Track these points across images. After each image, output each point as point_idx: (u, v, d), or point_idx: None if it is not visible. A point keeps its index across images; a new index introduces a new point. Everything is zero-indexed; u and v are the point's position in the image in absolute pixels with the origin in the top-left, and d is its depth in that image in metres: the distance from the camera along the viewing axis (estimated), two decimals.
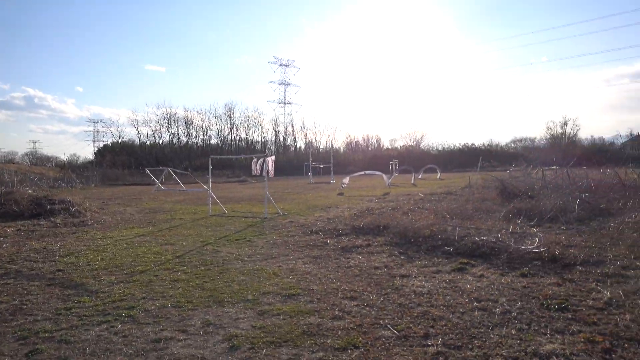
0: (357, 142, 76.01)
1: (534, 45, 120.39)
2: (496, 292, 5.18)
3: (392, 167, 39.81)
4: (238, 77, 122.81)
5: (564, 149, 53.81)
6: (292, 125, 77.78)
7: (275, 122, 77.22)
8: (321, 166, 38.49)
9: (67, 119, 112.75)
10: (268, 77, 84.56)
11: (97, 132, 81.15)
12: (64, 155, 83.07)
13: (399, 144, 76.46)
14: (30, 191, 19.15)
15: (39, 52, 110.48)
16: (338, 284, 5.84)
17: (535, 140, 73.57)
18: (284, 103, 78.90)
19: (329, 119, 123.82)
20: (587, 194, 11.47)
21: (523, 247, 6.90)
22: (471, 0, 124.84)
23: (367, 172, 26.17)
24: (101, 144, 77.36)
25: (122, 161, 55.87)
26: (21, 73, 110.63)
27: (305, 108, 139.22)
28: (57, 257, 7.88)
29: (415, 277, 6.02)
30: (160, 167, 32.63)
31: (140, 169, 48.65)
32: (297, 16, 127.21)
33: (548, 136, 71.02)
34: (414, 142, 75.26)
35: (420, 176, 33.51)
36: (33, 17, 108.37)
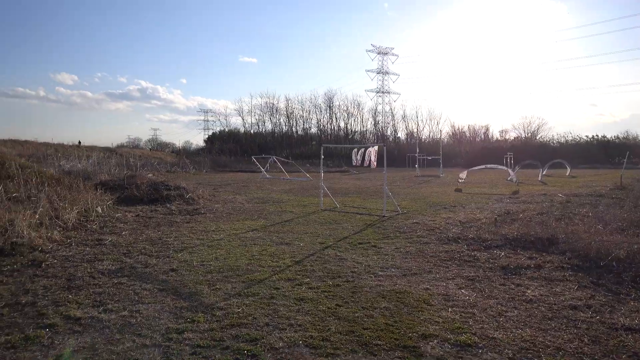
0: (462, 132, 70.76)
1: None
2: None
3: (506, 161, 35.73)
4: (335, 67, 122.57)
5: None
6: (392, 114, 75.01)
7: (374, 111, 75.13)
8: (429, 158, 35.85)
9: (177, 109, 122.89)
10: (365, 65, 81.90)
11: (207, 120, 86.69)
12: (178, 142, 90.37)
13: (511, 135, 69.48)
14: (150, 175, 20.09)
15: (146, 47, 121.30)
16: (528, 331, 4.10)
17: None
18: (383, 92, 76.33)
19: (431, 109, 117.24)
20: None
21: None
22: None
23: (490, 165, 23.27)
24: (210, 132, 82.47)
25: (229, 148, 58.65)
26: (135, 67, 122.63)
27: (406, 97, 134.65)
28: (171, 251, 7.23)
29: None
30: (263, 156, 33.08)
31: (245, 156, 50.52)
32: (381, 1, 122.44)
33: None
34: (529, 133, 67.78)
35: (544, 172, 29.33)
36: (140, 17, 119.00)
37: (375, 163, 14.71)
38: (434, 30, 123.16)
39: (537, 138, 65.04)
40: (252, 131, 75.70)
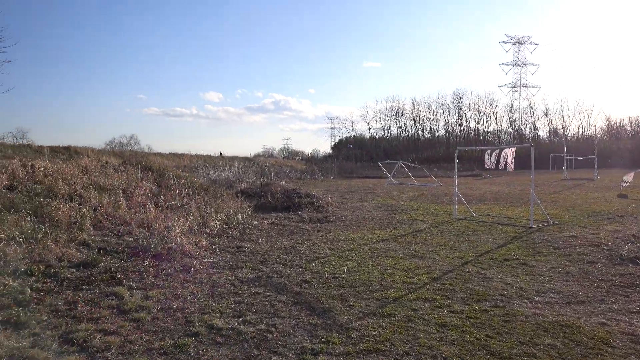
0: (621, 126, 60.42)
1: None
2: None
3: None
4: (465, 64, 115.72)
5: None
6: (531, 110, 67.70)
7: (510, 108, 68.73)
8: (579, 158, 31.32)
9: (306, 118, 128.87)
10: (498, 59, 75.57)
11: (334, 128, 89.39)
12: (307, 150, 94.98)
13: None
14: (283, 183, 21.23)
15: (279, 62, 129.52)
16: None
17: None
18: (519, 86, 69.58)
19: (579, 100, 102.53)
20: None
21: None
22: None
23: None
24: (337, 139, 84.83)
25: (355, 154, 59.46)
26: (269, 82, 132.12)
27: (547, 90, 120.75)
28: (303, 261, 7.28)
29: None
30: (389, 161, 32.54)
31: (370, 161, 50.64)
32: None
33: None
34: None
35: None
36: (271, 34, 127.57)
37: (512, 165, 13.15)
38: (579, 10, 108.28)
39: None
40: (377, 136, 75.75)
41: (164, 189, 12.23)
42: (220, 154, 47.60)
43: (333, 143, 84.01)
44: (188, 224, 8.59)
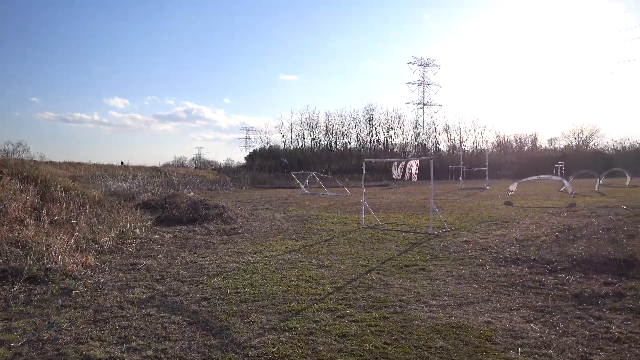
0: (508, 142, 67.87)
1: None
2: None
3: (557, 171, 33.62)
4: (376, 81, 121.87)
5: None
6: (433, 126, 73.33)
7: (415, 123, 73.75)
8: (473, 170, 34.39)
9: (220, 127, 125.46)
10: (405, 78, 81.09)
11: (248, 138, 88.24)
12: (220, 160, 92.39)
13: (561, 143, 65.96)
14: (191, 194, 20.20)
15: (193, 70, 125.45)
16: None
17: None
18: (424, 104, 74.95)
19: (475, 118, 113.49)
20: None
21: None
22: None
23: (542, 176, 21.77)
24: (251, 149, 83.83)
25: (269, 165, 59.13)
26: (181, 89, 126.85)
27: (448, 108, 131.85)
28: (204, 277, 6.86)
29: None
30: (303, 171, 32.82)
31: (284, 172, 50.68)
32: (421, 13, 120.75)
33: None
34: (580, 141, 64.07)
35: (601, 182, 27.23)
36: (184, 41, 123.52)
37: (416, 176, 13.96)
38: (477, 37, 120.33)
39: (590, 146, 61.42)
40: (291, 147, 76.29)
41: (49, 202, 10.90)
42: (122, 162, 44.28)
43: (247, 153, 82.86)
44: (73, 240, 7.69)
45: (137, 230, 10.33)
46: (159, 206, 15.26)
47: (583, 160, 45.10)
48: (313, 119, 75.09)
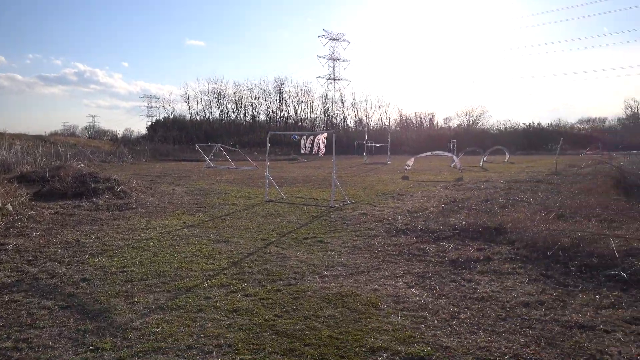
0: (409, 120, 72.08)
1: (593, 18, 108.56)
2: None
3: (450, 148, 36.68)
4: (287, 53, 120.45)
5: None
6: (341, 101, 74.96)
7: (325, 98, 74.71)
8: (377, 145, 36.03)
9: (118, 93, 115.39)
10: (317, 51, 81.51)
11: (150, 107, 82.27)
12: (119, 130, 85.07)
13: (455, 122, 71.78)
14: (81, 166, 18.35)
15: (83, 27, 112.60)
16: (482, 336, 3.75)
17: (606, 120, 66.48)
18: (333, 79, 76.00)
19: (380, 96, 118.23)
20: None
21: None
22: None
23: (435, 152, 23.52)
24: (154, 119, 78.39)
25: (173, 136, 55.97)
26: (70, 48, 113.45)
27: (356, 84, 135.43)
28: (87, 255, 6.31)
29: (605, 330, 3.81)
30: (210, 143, 31.59)
31: (190, 144, 48.42)
32: None
33: (625, 115, 63.82)
34: (471, 121, 70.32)
35: (485, 158, 30.31)
36: None
37: (323, 150, 14.19)
38: (384, 16, 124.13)
39: (479, 125, 67.70)
40: (198, 118, 72.82)
41: None
42: None
43: (149, 123, 77.33)
44: None
45: (9, 206, 9.12)
46: (40, 179, 13.66)
47: (472, 139, 49.70)
48: (221, 89, 72.27)
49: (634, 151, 26.28)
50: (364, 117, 72.07)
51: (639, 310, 4.21)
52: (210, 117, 73.21)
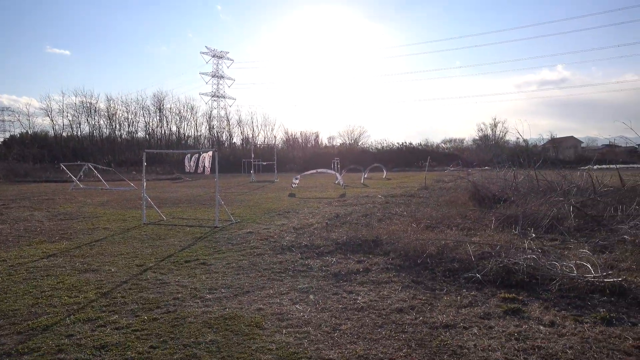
0: (295, 138, 73.95)
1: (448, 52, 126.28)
2: (601, 356, 3.59)
3: (334, 166, 38.53)
4: (167, 68, 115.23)
5: (492, 150, 56.26)
6: (227, 119, 73.88)
7: (209, 115, 72.89)
8: (264, 163, 36.15)
9: None
10: (199, 68, 79.54)
11: (3, 121, 71.07)
12: None
13: (337, 141, 75.71)
14: None
15: None
16: (361, 344, 3.94)
17: (464, 141, 76.60)
18: (218, 96, 74.77)
19: (266, 114, 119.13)
20: (577, 200, 10.58)
21: (573, 274, 5.46)
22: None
23: (320, 170, 24.43)
24: (7, 135, 67.84)
25: (33, 154, 49.20)
26: None
27: (241, 102, 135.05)
28: None
29: (464, 327, 4.28)
30: (79, 162, 28.42)
31: (55, 163, 43.02)
32: (214, 4, 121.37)
33: (478, 137, 74.21)
34: (352, 140, 74.90)
35: (366, 175, 32.49)
36: None
37: (209, 169, 13.79)
38: (269, 38, 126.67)
39: (359, 145, 72.39)
40: (64, 134, 65.05)
41: None
42: None
43: (2, 139, 66.70)
44: None
45: None
46: None
47: (354, 157, 52.97)
48: (91, 103, 65.79)
49: (486, 167, 30.68)
50: (250, 135, 71.99)
51: (490, 306, 4.83)
52: (79, 133, 66.16)
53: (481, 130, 74.49)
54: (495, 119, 72.49)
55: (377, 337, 4.08)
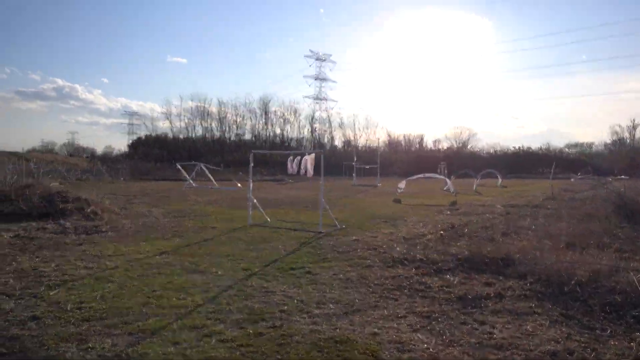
0: (398, 141, 72.09)
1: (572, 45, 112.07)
2: None
3: (441, 170, 36.43)
4: (272, 71, 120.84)
5: (631, 155, 48.68)
6: (329, 121, 74.83)
7: (312, 118, 74.47)
8: (366, 167, 35.55)
9: (98, 110, 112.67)
10: (303, 71, 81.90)
11: (132, 124, 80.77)
12: (99, 147, 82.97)
13: (444, 144, 71.97)
14: (54, 184, 17.28)
15: (62, 42, 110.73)
16: None
17: (593, 145, 67.74)
18: (320, 99, 75.91)
19: (368, 117, 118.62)
20: None
21: None
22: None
23: (427, 175, 23.12)
24: (135, 137, 76.87)
25: (155, 154, 54.77)
26: (49, 64, 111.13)
27: (343, 104, 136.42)
28: (42, 287, 5.45)
29: None
30: (192, 162, 30.70)
31: (172, 163, 47.38)
32: (317, 7, 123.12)
33: (610, 141, 65.03)
34: (460, 143, 70.63)
35: (478, 182, 30.00)
36: (48, 5, 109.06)
37: (312, 171, 13.59)
38: (371, 39, 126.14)
39: (468, 148, 68.11)
40: (181, 136, 71.61)
41: None
42: None
43: (131, 141, 75.74)
44: None
45: None
46: (5, 198, 12.66)
47: (462, 161, 49.70)
48: (205, 107, 71.36)
49: (621, 176, 26.41)
50: (352, 138, 71.96)
51: None
52: (194, 135, 72.21)
53: (616, 133, 65.01)
54: (634, 120, 62.46)
55: None
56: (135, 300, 5.04)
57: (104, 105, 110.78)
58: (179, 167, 27.07)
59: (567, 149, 65.70)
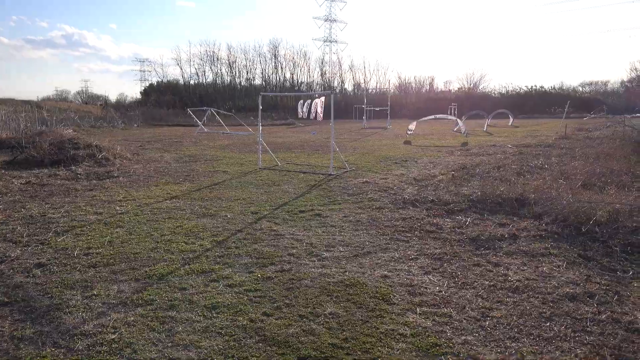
0: (408, 83, 69.95)
1: None
2: None
3: (451, 111, 35.41)
4: (281, 14, 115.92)
5: None
6: (339, 64, 72.57)
7: (322, 61, 72.20)
8: (376, 109, 34.74)
9: (109, 57, 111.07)
10: (312, 12, 78.16)
11: (143, 71, 79.38)
12: (113, 95, 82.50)
13: (454, 86, 69.71)
14: (68, 131, 17.19)
15: None
16: (526, 342, 2.94)
17: (608, 84, 64.65)
18: (330, 41, 73.05)
19: (378, 59, 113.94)
20: None
21: None
22: None
23: (438, 116, 22.44)
24: (147, 83, 75.84)
25: (167, 101, 54.23)
26: (55, 10, 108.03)
27: (353, 46, 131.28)
28: (50, 234, 5.46)
29: None
30: (204, 108, 30.27)
31: (184, 108, 46.93)
32: None
33: (627, 79, 61.97)
34: (471, 84, 68.29)
35: (489, 122, 29.15)
36: None
37: (322, 115, 13.19)
38: None
39: (479, 89, 65.87)
40: (192, 82, 70.41)
41: None
42: None
43: (143, 88, 74.82)
44: None
45: None
46: (17, 146, 12.68)
47: (473, 102, 48.15)
48: (214, 52, 69.47)
49: (638, 115, 25.22)
50: (362, 81, 69.95)
51: None
52: (204, 81, 70.91)
53: (635, 69, 61.86)
54: None
55: (547, 336, 3.04)
56: (144, 246, 5.01)
57: (115, 53, 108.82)
58: (190, 112, 26.74)
59: (580, 88, 62.87)
